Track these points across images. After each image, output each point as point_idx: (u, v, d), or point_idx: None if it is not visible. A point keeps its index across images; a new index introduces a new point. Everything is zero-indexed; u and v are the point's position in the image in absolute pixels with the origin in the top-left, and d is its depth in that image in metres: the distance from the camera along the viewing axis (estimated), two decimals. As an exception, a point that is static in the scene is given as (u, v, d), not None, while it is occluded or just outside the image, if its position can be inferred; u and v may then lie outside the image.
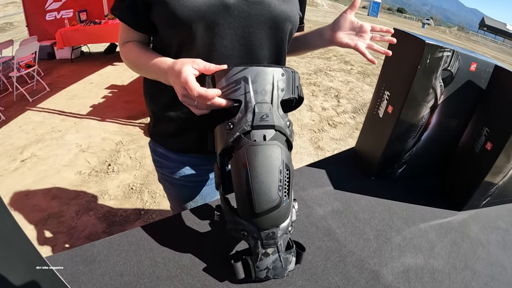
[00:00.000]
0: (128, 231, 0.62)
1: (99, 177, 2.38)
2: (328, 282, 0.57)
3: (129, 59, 0.72)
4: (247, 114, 0.51)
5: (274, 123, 0.52)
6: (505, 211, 0.92)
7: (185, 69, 0.54)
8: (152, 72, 0.66)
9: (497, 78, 0.78)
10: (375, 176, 0.92)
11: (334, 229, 0.71)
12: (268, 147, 0.50)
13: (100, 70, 4.66)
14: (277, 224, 0.52)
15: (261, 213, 0.50)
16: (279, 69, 0.54)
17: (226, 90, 0.52)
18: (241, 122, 0.51)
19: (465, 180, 0.86)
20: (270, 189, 0.49)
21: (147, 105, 0.83)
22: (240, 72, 0.52)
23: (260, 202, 0.49)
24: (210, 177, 0.87)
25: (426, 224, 0.79)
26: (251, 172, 0.49)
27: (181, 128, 0.76)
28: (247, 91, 0.52)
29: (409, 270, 0.64)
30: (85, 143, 2.79)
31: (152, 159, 0.88)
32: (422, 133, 0.86)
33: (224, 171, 0.58)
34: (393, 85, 0.83)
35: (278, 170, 0.50)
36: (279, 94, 0.53)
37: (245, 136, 0.51)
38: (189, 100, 0.56)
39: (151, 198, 2.21)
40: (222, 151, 0.55)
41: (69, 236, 1.83)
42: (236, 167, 0.51)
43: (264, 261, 0.53)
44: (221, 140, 0.54)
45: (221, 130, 0.54)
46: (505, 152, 0.74)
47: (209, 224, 0.67)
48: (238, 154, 0.51)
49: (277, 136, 0.53)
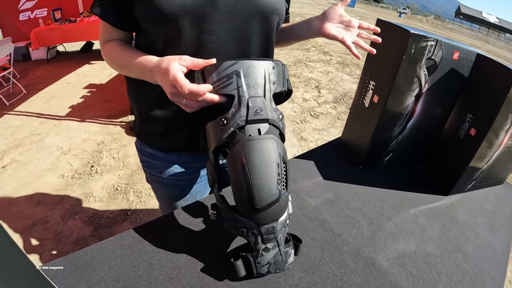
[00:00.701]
0: (120, 235, 0.61)
1: (82, 180, 2.32)
2: (326, 272, 0.58)
3: (112, 58, 0.69)
4: (241, 108, 0.50)
5: (268, 117, 0.51)
6: (490, 194, 0.95)
7: (172, 66, 0.53)
8: (136, 71, 0.64)
9: (479, 66, 0.81)
10: (363, 165, 0.93)
11: (327, 219, 0.71)
12: (264, 141, 0.50)
13: (77, 70, 4.53)
14: (277, 217, 0.52)
15: (262, 208, 0.50)
16: (270, 62, 0.53)
17: (218, 85, 0.51)
18: (235, 117, 0.50)
19: (451, 165, 0.88)
20: (269, 183, 0.49)
21: (131, 104, 0.80)
22: (231, 66, 0.51)
23: (260, 197, 0.49)
24: (200, 174, 0.85)
25: (416, 209, 0.81)
26: (249, 167, 0.48)
27: (170, 127, 0.74)
28: (240, 85, 0.51)
29: (403, 256, 0.65)
30: (66, 145, 2.71)
31: (140, 159, 0.86)
32: (408, 121, 0.87)
33: (219, 169, 0.57)
34: (378, 75, 0.84)
35: (275, 163, 0.50)
36: (271, 88, 0.53)
37: (240, 131, 0.50)
38: (178, 98, 0.54)
39: (137, 197, 2.17)
40: (215, 148, 0.54)
41: (56, 242, 1.78)
42: (233, 163, 0.50)
43: (265, 256, 0.53)
44: (215, 136, 0.53)
45: (214, 126, 0.53)
46: (489, 137, 0.77)
47: (203, 222, 0.66)
48: (234, 150, 0.50)
49: (271, 130, 0.52)
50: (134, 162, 2.52)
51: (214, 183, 0.57)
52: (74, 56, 5.14)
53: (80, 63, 4.78)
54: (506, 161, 0.91)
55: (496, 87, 0.74)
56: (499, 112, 0.73)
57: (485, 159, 0.84)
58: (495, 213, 0.89)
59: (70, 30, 4.29)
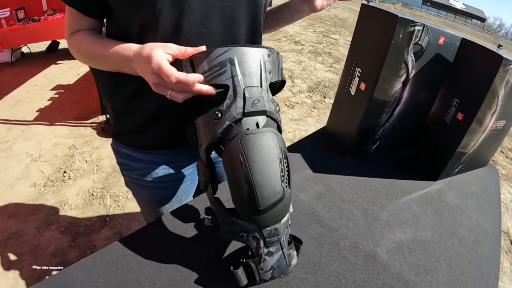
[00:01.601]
0: (102, 250, 0.55)
1: (55, 187, 2.20)
2: (328, 271, 0.55)
3: (81, 50, 0.62)
4: (237, 100, 0.45)
5: (266, 108, 0.47)
6: (475, 176, 0.97)
7: (155, 53, 0.47)
8: (112, 62, 0.57)
9: (464, 51, 0.80)
10: (351, 155, 0.91)
11: (321, 214, 0.69)
12: (264, 135, 0.45)
13: (43, 71, 4.30)
14: (280, 218, 0.48)
15: (265, 209, 0.45)
16: (265, 49, 0.49)
17: (209, 74, 0.46)
18: (231, 109, 0.45)
19: (439, 151, 0.88)
20: (273, 180, 0.45)
21: (104, 102, 0.74)
22: (224, 53, 0.45)
23: (264, 197, 0.44)
24: (184, 174, 0.80)
25: (408, 197, 0.80)
26: (249, 165, 0.43)
27: (149, 122, 0.67)
28: (234, 74, 0.46)
29: (402, 246, 0.64)
30: (36, 152, 2.56)
31: (117, 162, 0.79)
32: (395, 108, 0.86)
33: (212, 168, 0.52)
34: (364, 61, 0.81)
35: (278, 158, 0.45)
36: (267, 77, 0.48)
37: (236, 125, 0.46)
38: (163, 89, 0.49)
39: (114, 202, 2.08)
40: (208, 145, 0.48)
41: (33, 256, 1.68)
42: (231, 161, 0.45)
43: (268, 261, 0.48)
44: (207, 132, 0.47)
45: (206, 120, 0.47)
46: (476, 121, 0.77)
47: (194, 227, 0.61)
48: (231, 146, 0.45)
49: (269, 123, 0.48)
50: (109, 165, 2.42)
51: (207, 185, 0.51)
52: (39, 57, 4.89)
53: (46, 63, 4.54)
54: (490, 144, 0.92)
55: (483, 71, 0.74)
56: (486, 95, 0.73)
57: (471, 143, 0.84)
58: (483, 195, 0.90)
59: (34, 29, 4.05)
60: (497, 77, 0.70)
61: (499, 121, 0.84)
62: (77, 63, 4.38)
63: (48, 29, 4.08)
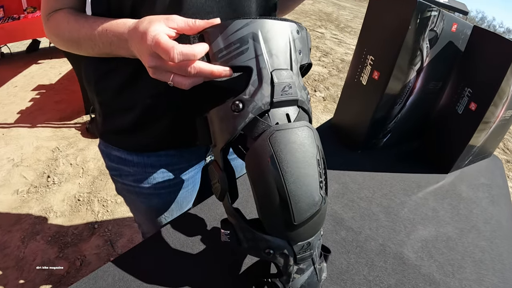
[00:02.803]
0: (95, 273, 0.46)
1: (39, 193, 2.07)
2: (358, 279, 0.50)
3: (62, 32, 0.51)
4: (263, 86, 0.36)
5: (298, 97, 0.38)
6: (482, 168, 0.95)
7: (153, 28, 0.37)
8: (102, 44, 0.47)
9: (477, 39, 0.77)
10: (362, 149, 0.87)
11: (341, 215, 0.64)
12: (299, 131, 0.37)
13: (24, 71, 4.10)
14: (316, 231, 0.40)
15: (301, 224, 0.37)
16: (294, 24, 0.40)
17: (226, 54, 0.37)
18: (255, 98, 0.36)
19: (450, 142, 0.85)
20: (311, 188, 0.37)
21: (90, 96, 0.61)
22: (245, 27, 0.36)
23: (300, 209, 0.36)
24: (184, 178, 0.70)
25: (424, 191, 0.76)
26: (282, 169, 0.35)
27: (145, 118, 0.57)
28: (259, 53, 0.36)
29: (427, 244, 0.60)
30: (17, 156, 2.41)
31: (106, 166, 0.67)
32: (408, 98, 0.82)
33: (231, 173, 0.43)
34: (377, 48, 0.76)
35: (315, 160, 0.37)
36: (297, 58, 0.39)
37: (262, 119, 0.37)
38: (163, 74, 0.39)
39: (102, 207, 1.97)
40: (226, 145, 0.39)
41: (19, 270, 1.57)
42: (257, 165, 0.37)
43: (298, 280, 0.41)
44: (225, 128, 0.38)
45: (223, 113, 0.38)
46: (490, 111, 0.74)
47: (201, 241, 0.54)
48: (258, 145, 0.36)
49: (301, 116, 0.39)
50: (95, 167, 2.30)
51: (225, 193, 0.41)
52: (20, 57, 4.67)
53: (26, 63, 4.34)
54: (498, 134, 0.90)
55: (496, 59, 0.71)
56: (501, 84, 0.70)
57: (483, 133, 0.81)
58: (492, 186, 0.88)
59: (14, 28, 3.86)
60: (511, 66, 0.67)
61: (508, 110, 0.82)
62: (59, 62, 4.20)
63: (28, 28, 3.90)
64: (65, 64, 4.02)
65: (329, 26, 7.17)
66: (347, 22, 8.05)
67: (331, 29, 6.97)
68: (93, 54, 0.51)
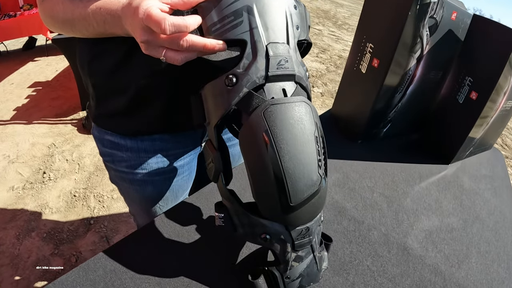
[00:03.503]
0: (86, 264, 0.44)
1: (35, 190, 2.04)
2: (362, 270, 0.48)
3: (57, 14, 0.50)
4: (258, 59, 0.34)
5: (295, 72, 0.36)
6: (483, 159, 0.93)
7: (145, 2, 0.36)
8: (96, 23, 0.46)
9: (477, 28, 0.76)
10: (362, 139, 0.85)
11: (343, 204, 0.62)
12: (296, 105, 0.35)
13: (20, 69, 4.07)
14: (314, 215, 0.38)
15: (298, 205, 0.35)
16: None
17: (220, 27, 0.35)
18: (249, 72, 0.34)
19: (451, 132, 0.83)
20: (308, 167, 0.34)
21: (84, 80, 0.60)
22: (240, 0, 0.34)
23: (296, 189, 0.34)
24: (179, 164, 0.68)
25: (426, 182, 0.75)
26: (277, 146, 0.33)
27: (139, 99, 0.55)
28: (254, 26, 0.35)
29: (431, 234, 0.59)
30: (13, 153, 2.39)
31: (100, 153, 0.65)
32: (408, 87, 0.80)
33: (225, 152, 0.41)
34: (377, 36, 0.74)
35: (313, 137, 0.35)
36: (294, 33, 0.37)
37: (258, 93, 0.35)
38: (155, 49, 0.37)
39: (98, 203, 1.95)
40: (219, 121, 0.37)
41: (14, 268, 1.54)
42: (251, 142, 0.35)
43: (297, 268, 0.39)
44: (218, 103, 0.36)
45: (216, 88, 0.36)
46: (491, 100, 0.73)
47: (196, 230, 0.51)
48: (252, 121, 0.34)
49: (298, 92, 0.37)
50: (91, 163, 2.28)
51: (218, 174, 0.39)
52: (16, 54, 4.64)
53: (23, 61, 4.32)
54: (498, 125, 0.89)
55: (497, 47, 0.70)
56: (502, 73, 0.68)
57: (484, 124, 0.80)
58: (494, 177, 0.87)
59: (10, 26, 3.82)
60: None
61: (508, 101, 0.80)
62: (55, 59, 4.17)
63: (24, 25, 3.87)
64: (62, 61, 3.99)
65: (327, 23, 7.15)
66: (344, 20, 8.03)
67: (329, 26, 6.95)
68: (88, 35, 0.49)
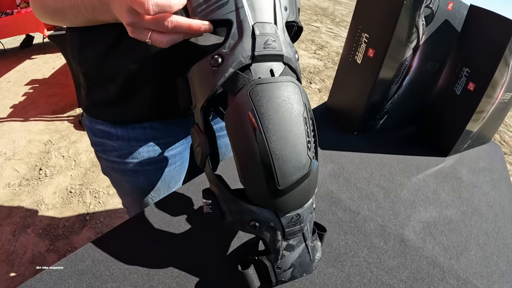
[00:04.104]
0: (74, 254, 0.43)
1: (31, 186, 2.04)
2: (357, 262, 0.46)
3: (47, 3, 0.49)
4: (244, 38, 0.33)
5: (283, 52, 0.35)
6: (482, 152, 0.92)
7: None
8: (85, 10, 0.45)
9: (474, 18, 0.75)
10: (358, 130, 0.83)
11: (338, 195, 0.60)
12: (283, 85, 0.33)
13: (17, 66, 4.06)
14: (305, 201, 0.37)
15: (286, 189, 0.33)
16: None
17: (205, 8, 0.34)
18: (235, 51, 0.33)
19: (449, 123, 0.82)
20: (296, 148, 0.33)
21: (75, 69, 0.60)
22: None
23: (285, 173, 0.32)
24: (171, 153, 0.67)
25: (423, 174, 0.73)
26: (264, 126, 0.32)
27: (128, 87, 0.55)
28: (240, 5, 0.33)
29: (429, 226, 0.57)
30: (9, 150, 2.39)
31: (91, 143, 0.65)
32: (404, 78, 0.78)
33: (211, 135, 0.40)
34: (372, 26, 0.73)
35: (302, 117, 0.34)
36: (282, 14, 0.36)
37: (244, 73, 0.34)
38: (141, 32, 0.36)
39: (94, 199, 1.94)
40: (206, 103, 0.36)
41: (9, 264, 1.53)
42: (237, 123, 0.34)
43: (288, 257, 0.37)
44: (204, 84, 0.35)
45: (202, 69, 0.35)
46: (488, 91, 0.72)
47: (187, 221, 0.50)
48: (237, 101, 0.33)
49: (287, 72, 0.36)
50: (87, 159, 2.27)
51: (205, 158, 0.38)
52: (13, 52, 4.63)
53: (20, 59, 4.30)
54: (497, 118, 0.88)
55: (494, 38, 0.69)
56: (499, 63, 0.68)
57: (482, 115, 0.79)
58: (492, 170, 0.86)
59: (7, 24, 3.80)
60: (510, 44, 0.65)
61: (506, 93, 0.79)
62: (52, 57, 4.15)
63: (21, 23, 3.85)
64: (59, 58, 3.98)
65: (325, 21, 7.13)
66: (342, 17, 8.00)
67: (327, 23, 6.93)
68: (78, 23, 0.49)
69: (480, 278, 0.50)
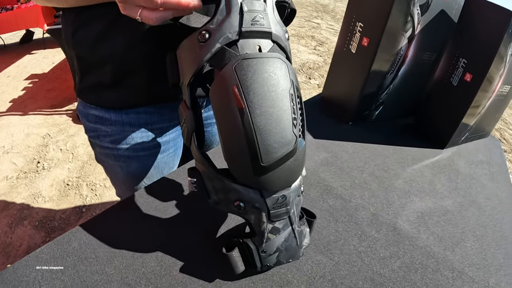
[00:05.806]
0: (61, 237, 0.42)
1: (28, 179, 2.05)
2: (347, 250, 0.45)
3: None
4: (231, 14, 0.33)
5: (271, 30, 0.34)
6: (480, 146, 0.91)
7: None
8: None
9: (471, 8, 0.74)
10: (353, 120, 0.82)
11: (330, 183, 0.58)
12: (269, 61, 0.33)
13: (17, 61, 4.07)
14: (291, 181, 0.36)
15: (270, 166, 0.33)
16: None
17: None
18: (223, 27, 0.33)
19: (446, 115, 0.80)
20: (281, 124, 0.32)
21: (69, 53, 0.59)
22: None
23: (268, 147, 0.32)
24: (165, 139, 0.67)
25: (420, 164, 0.72)
26: (248, 101, 0.31)
27: (122, 68, 0.55)
28: None
29: (423, 216, 0.56)
30: (7, 143, 2.41)
31: (85, 129, 0.65)
32: (400, 68, 0.77)
33: (197, 112, 0.39)
34: (366, 14, 0.72)
35: (288, 94, 0.33)
36: None
37: (231, 49, 0.33)
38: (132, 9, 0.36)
39: (91, 191, 1.95)
40: (192, 78, 0.35)
41: (6, 256, 1.54)
42: (221, 97, 0.33)
43: (273, 240, 0.36)
44: (191, 60, 0.35)
45: (190, 45, 0.35)
46: (485, 82, 0.71)
47: (176, 206, 0.49)
48: (222, 75, 0.33)
49: (275, 50, 0.35)
50: (84, 152, 2.29)
51: (191, 135, 0.38)
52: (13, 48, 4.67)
53: (19, 54, 4.32)
54: (495, 111, 0.86)
55: (491, 28, 0.67)
56: (496, 54, 0.66)
57: (480, 107, 0.77)
58: (491, 163, 0.84)
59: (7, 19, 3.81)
60: (506, 34, 0.64)
61: (504, 85, 0.78)
62: (52, 52, 4.17)
63: (21, 18, 3.85)
64: (58, 53, 3.99)
65: (325, 17, 7.09)
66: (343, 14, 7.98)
67: (327, 19, 6.90)
68: (74, 3, 0.49)
69: (476, 270, 0.48)
